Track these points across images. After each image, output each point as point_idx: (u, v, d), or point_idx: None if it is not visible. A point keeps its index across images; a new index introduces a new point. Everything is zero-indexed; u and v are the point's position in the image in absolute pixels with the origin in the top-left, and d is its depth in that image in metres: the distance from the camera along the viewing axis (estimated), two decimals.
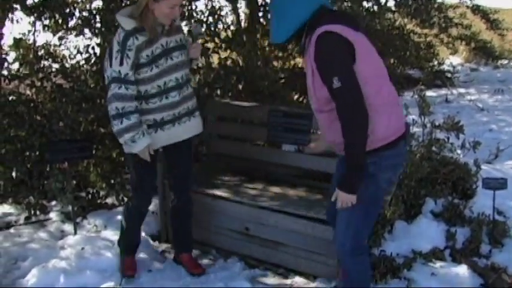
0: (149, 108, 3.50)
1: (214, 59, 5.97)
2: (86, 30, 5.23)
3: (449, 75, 10.97)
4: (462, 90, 10.19)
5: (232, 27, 6.39)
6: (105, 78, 3.47)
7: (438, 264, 3.89)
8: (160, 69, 3.44)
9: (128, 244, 3.98)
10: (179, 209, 3.98)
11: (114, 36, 3.42)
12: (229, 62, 5.83)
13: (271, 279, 3.90)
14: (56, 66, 5.26)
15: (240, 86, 5.76)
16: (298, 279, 3.87)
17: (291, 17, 2.83)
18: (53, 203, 5.03)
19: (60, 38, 5.45)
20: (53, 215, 4.87)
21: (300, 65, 6.67)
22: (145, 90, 3.46)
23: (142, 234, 4.29)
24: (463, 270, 3.80)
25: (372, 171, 2.82)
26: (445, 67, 11.21)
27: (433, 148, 4.74)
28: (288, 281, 3.86)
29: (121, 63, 3.32)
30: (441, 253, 4.00)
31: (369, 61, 2.78)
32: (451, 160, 4.69)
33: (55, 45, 5.53)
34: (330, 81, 2.69)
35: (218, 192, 4.36)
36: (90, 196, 4.98)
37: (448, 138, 4.84)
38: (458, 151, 4.93)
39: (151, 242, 4.38)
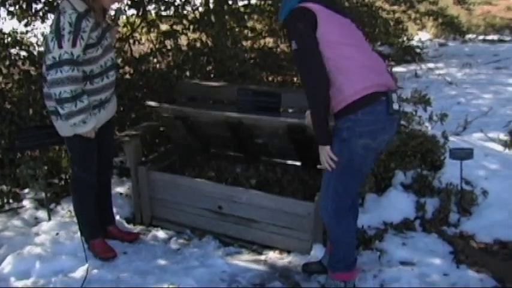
0: (93, 88, 3.54)
1: (183, 41, 5.95)
2: (51, 16, 5.17)
3: (418, 50, 11.08)
4: (431, 65, 10.30)
5: (200, 9, 6.36)
6: (46, 59, 3.39)
7: (409, 234, 3.97)
8: (103, 49, 3.52)
9: (92, 225, 3.94)
10: (105, 183, 4.05)
11: (59, 17, 3.32)
12: (198, 44, 5.82)
13: (246, 256, 3.94)
14: (23, 53, 5.21)
15: (210, 67, 5.76)
16: (272, 255, 3.91)
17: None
18: (26, 190, 4.99)
19: (26, 25, 5.39)
20: (26, 203, 4.83)
21: (269, 45, 6.69)
22: (90, 70, 3.48)
23: (117, 217, 4.32)
24: (433, 239, 3.90)
25: (345, 136, 2.94)
26: (414, 43, 11.31)
27: (402, 121, 4.78)
28: (262, 257, 3.90)
29: (74, 45, 3.30)
30: (412, 223, 4.08)
31: (333, 28, 2.92)
32: (419, 133, 4.74)
33: (22, 33, 5.47)
34: (290, 45, 2.94)
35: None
36: (63, 182, 4.95)
37: (416, 112, 4.89)
38: (427, 124, 4.99)
39: (125, 224, 4.38)
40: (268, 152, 4.50)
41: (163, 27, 6.00)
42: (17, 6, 5.13)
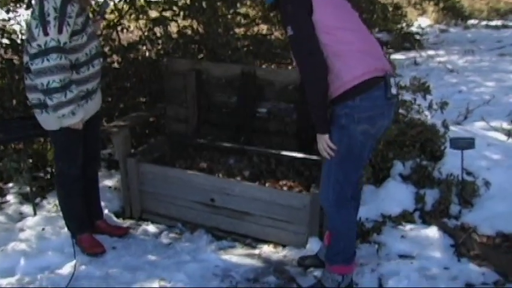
0: (80, 78, 3.52)
1: (173, 28, 5.94)
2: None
3: (418, 37, 11.07)
4: (431, 52, 10.31)
5: None
6: (29, 47, 3.37)
7: (408, 226, 3.99)
8: (88, 36, 3.51)
9: (79, 219, 3.95)
10: (92, 177, 4.07)
11: (42, 1, 3.29)
12: (188, 31, 5.81)
13: (239, 250, 3.95)
14: (6, 41, 5.19)
15: (201, 55, 5.75)
16: (266, 249, 3.94)
17: None
18: (10, 184, 4.98)
19: (8, 11, 5.36)
20: (10, 197, 4.81)
21: (263, 32, 6.68)
22: (76, 58, 3.47)
23: (106, 211, 4.33)
24: (433, 231, 3.91)
25: (344, 123, 2.97)
26: (414, 29, 11.30)
27: (400, 110, 4.80)
28: (256, 251, 3.92)
29: (60, 31, 3.27)
30: (411, 216, 4.11)
31: (330, 13, 2.93)
32: (418, 122, 4.76)
33: (4, 20, 5.45)
34: (285, 30, 2.95)
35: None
36: (48, 175, 4.95)
37: (415, 100, 4.91)
38: (426, 113, 5.01)
39: (114, 218, 4.39)
40: (266, 131, 4.59)
41: (153, 13, 5.97)
42: None
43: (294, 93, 4.44)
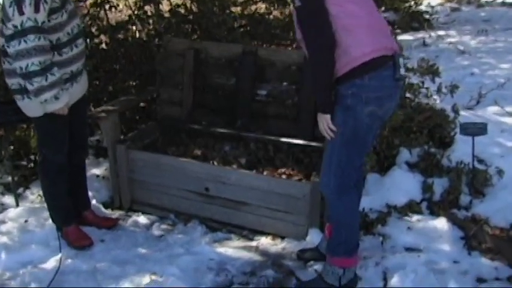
0: (62, 59, 3.50)
1: (165, 7, 5.92)
2: None
3: (427, 16, 11.01)
4: (441, 33, 10.25)
5: None
6: (4, 28, 3.30)
7: (415, 217, 4.00)
8: (68, 14, 3.47)
9: (64, 210, 3.95)
10: (78, 165, 4.07)
11: None
12: (181, 10, 5.80)
13: (235, 242, 3.97)
14: None
15: (195, 36, 5.74)
16: (264, 241, 3.95)
17: None
18: None
19: None
20: None
21: (261, 11, 6.65)
22: (57, 38, 3.43)
23: (93, 201, 4.34)
24: (441, 223, 3.91)
25: (350, 104, 2.95)
26: (423, 8, 11.24)
27: (407, 94, 4.79)
28: (253, 243, 3.93)
29: (37, 10, 3.23)
30: (418, 206, 4.11)
31: None
32: (426, 106, 4.75)
33: None
34: (293, 2, 2.94)
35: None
36: (32, 164, 4.95)
37: (423, 83, 4.89)
38: (435, 97, 5.00)
39: (103, 209, 4.40)
40: (265, 115, 4.60)
41: None
42: None
43: (297, 74, 4.45)
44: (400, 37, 9.47)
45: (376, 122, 3.10)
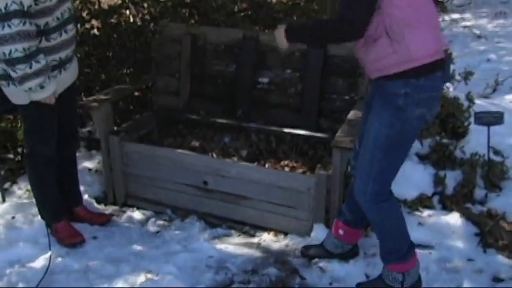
0: (50, 45, 3.49)
1: None
2: None
3: None
4: (456, 16, 10.25)
5: None
6: None
7: (426, 212, 4.01)
8: None
9: (54, 206, 3.96)
10: (69, 158, 4.08)
11: None
12: None
13: (236, 239, 3.99)
14: None
15: (192, 21, 5.74)
16: (266, 237, 3.97)
17: None
18: None
19: None
20: None
21: None
22: (45, 23, 3.42)
23: (85, 197, 4.36)
24: (454, 218, 3.92)
25: (402, 105, 2.88)
26: None
27: None
28: (255, 240, 3.96)
29: None
30: (429, 200, 4.12)
31: None
32: None
33: None
34: None
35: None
36: (19, 157, 4.94)
37: None
38: (448, 84, 4.99)
39: (96, 205, 4.42)
40: (267, 104, 4.61)
41: None
42: None
43: (300, 60, 4.46)
44: None
45: (422, 127, 3.06)
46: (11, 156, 4.98)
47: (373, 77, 3.00)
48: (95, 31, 5.59)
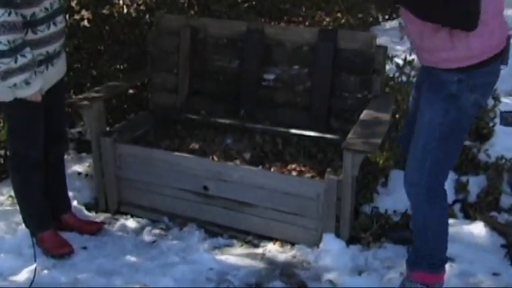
0: (37, 38, 3.50)
1: None
2: None
3: None
4: None
5: None
6: None
7: None
8: None
9: (40, 213, 3.96)
10: (56, 161, 4.09)
11: None
12: None
13: (238, 250, 4.00)
14: None
15: (192, 12, 5.75)
16: (271, 247, 3.98)
17: None
18: None
19: None
20: None
21: None
22: (32, 13, 3.42)
23: (74, 203, 4.37)
24: (478, 228, 3.94)
25: (455, 92, 2.94)
26: None
27: None
28: (259, 250, 3.96)
29: None
30: (450, 208, 4.06)
31: None
32: None
33: None
34: None
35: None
36: (2, 160, 4.95)
37: None
38: None
39: (86, 212, 4.43)
40: (273, 103, 4.62)
41: None
42: None
43: (309, 55, 4.46)
44: None
45: (477, 112, 3.10)
46: None
47: (425, 65, 3.07)
48: (85, 23, 5.59)
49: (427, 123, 3.05)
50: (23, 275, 3.66)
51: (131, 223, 4.35)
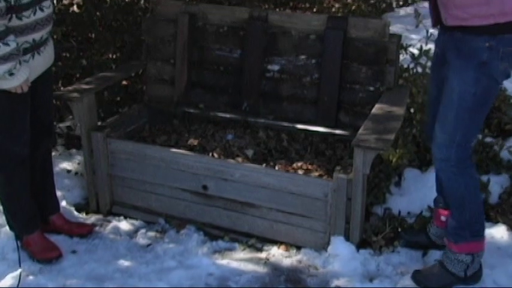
0: (22, 24, 3.48)
1: None
2: None
3: None
4: None
5: None
6: None
7: None
8: None
9: (25, 215, 3.95)
10: (43, 158, 4.09)
11: None
12: None
13: (240, 254, 4.00)
14: None
15: None
16: (275, 251, 3.98)
17: None
18: None
19: None
20: None
21: None
22: None
23: (63, 203, 4.39)
24: (500, 231, 3.95)
25: (486, 59, 3.04)
26: None
27: None
28: (263, 254, 3.97)
29: None
30: None
31: None
32: None
33: None
34: None
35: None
36: None
37: None
38: None
39: (75, 213, 4.45)
40: (277, 96, 4.62)
41: None
42: None
43: (317, 45, 4.46)
44: None
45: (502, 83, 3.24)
46: None
47: (450, 24, 3.11)
48: (75, 8, 5.59)
49: (457, 94, 3.14)
50: (7, 281, 3.66)
51: (124, 225, 4.36)
